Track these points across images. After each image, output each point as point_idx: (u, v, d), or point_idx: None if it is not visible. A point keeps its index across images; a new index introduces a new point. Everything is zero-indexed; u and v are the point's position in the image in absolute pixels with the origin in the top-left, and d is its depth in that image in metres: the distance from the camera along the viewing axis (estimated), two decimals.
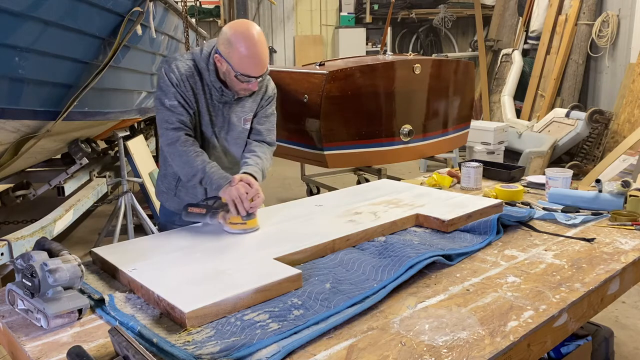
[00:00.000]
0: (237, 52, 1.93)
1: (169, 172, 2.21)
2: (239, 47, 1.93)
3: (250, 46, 1.93)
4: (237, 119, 2.15)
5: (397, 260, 1.66)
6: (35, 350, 1.27)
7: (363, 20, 9.71)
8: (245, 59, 1.93)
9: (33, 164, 4.20)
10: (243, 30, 1.94)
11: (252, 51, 1.93)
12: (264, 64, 1.98)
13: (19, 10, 2.47)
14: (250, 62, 1.94)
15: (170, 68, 2.02)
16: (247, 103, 2.17)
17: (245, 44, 1.93)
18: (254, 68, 1.96)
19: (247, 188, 1.94)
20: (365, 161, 4.41)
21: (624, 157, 5.20)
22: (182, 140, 2.01)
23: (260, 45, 1.95)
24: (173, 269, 1.60)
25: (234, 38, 1.93)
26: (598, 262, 1.75)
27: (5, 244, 2.78)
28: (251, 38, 1.93)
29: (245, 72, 1.95)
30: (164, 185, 2.25)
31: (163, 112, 2.02)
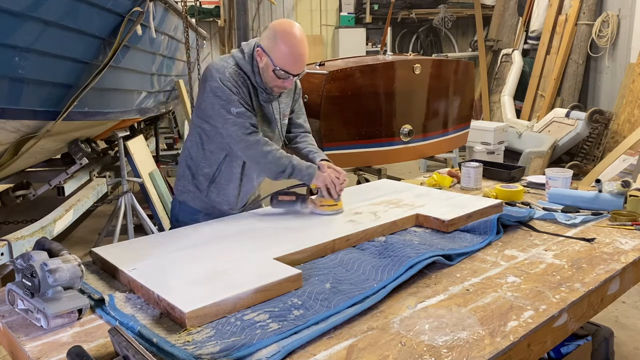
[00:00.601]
0: (280, 48, 1.99)
1: (201, 173, 2.21)
2: (283, 43, 1.99)
3: (294, 44, 2.00)
4: (279, 115, 2.23)
5: (397, 260, 1.66)
6: (35, 350, 1.27)
7: (363, 20, 9.70)
8: (287, 55, 2.00)
9: (33, 164, 4.20)
10: (288, 29, 2.01)
11: (295, 49, 2.00)
12: (304, 62, 2.06)
13: (19, 10, 2.46)
14: (292, 59, 2.01)
15: (224, 76, 2.04)
16: (284, 99, 2.25)
17: (289, 41, 2.00)
18: (294, 65, 2.03)
19: (336, 173, 2.13)
20: (365, 161, 4.41)
21: (624, 157, 5.20)
22: (263, 142, 2.07)
23: (303, 45, 2.03)
24: (173, 269, 1.60)
25: (278, 34, 2.00)
26: (598, 262, 1.75)
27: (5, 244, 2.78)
28: (294, 36, 2.00)
29: (285, 68, 2.01)
30: (191, 185, 2.25)
31: (234, 120, 2.04)
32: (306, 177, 2.10)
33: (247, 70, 2.09)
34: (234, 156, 2.17)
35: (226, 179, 2.21)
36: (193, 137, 2.21)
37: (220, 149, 2.16)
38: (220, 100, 2.04)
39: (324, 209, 2.11)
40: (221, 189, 2.22)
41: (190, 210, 2.28)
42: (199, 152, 2.20)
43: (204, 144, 2.18)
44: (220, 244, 1.82)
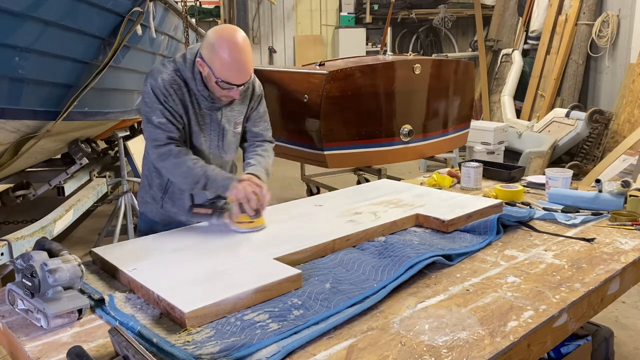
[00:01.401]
0: (219, 58, 1.87)
1: (155, 183, 2.16)
2: (222, 53, 1.87)
3: (234, 52, 1.87)
4: (229, 124, 2.11)
5: (397, 260, 1.66)
6: (35, 350, 1.27)
7: (363, 20, 9.70)
8: (227, 65, 1.88)
9: (33, 164, 4.20)
10: (227, 36, 1.88)
11: (235, 57, 1.88)
12: (247, 71, 1.93)
13: (19, 10, 2.47)
14: (233, 69, 1.89)
15: (156, 82, 1.95)
16: (236, 106, 2.12)
17: (228, 50, 1.87)
18: (236, 75, 1.91)
19: (254, 187, 1.93)
20: (365, 161, 4.41)
21: (624, 157, 5.20)
22: (175, 153, 1.96)
23: (244, 52, 1.89)
24: (173, 269, 1.60)
25: (217, 43, 1.87)
26: (598, 262, 1.75)
27: (5, 244, 2.78)
28: (235, 44, 1.87)
29: (227, 79, 1.90)
30: (148, 195, 2.21)
31: (151, 129, 1.97)
32: (221, 189, 1.96)
33: (187, 77, 1.97)
34: None
35: (179, 188, 2.11)
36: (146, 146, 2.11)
37: None
38: (146, 106, 1.96)
39: (239, 226, 1.94)
40: (175, 199, 2.14)
41: (149, 221, 2.23)
42: (150, 162, 2.11)
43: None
44: (221, 244, 1.82)
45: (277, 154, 4.89)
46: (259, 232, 1.94)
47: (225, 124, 2.10)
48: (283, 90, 4.32)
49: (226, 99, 2.01)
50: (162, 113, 1.96)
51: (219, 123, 2.08)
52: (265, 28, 9.61)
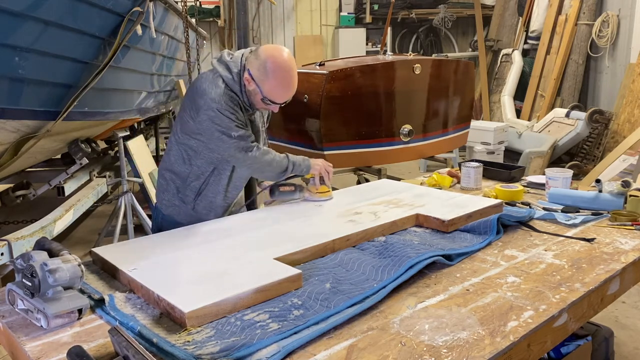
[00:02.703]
0: (270, 81, 2.02)
1: (188, 186, 2.20)
2: (274, 78, 2.02)
3: (286, 78, 2.03)
4: (262, 126, 2.33)
5: (397, 260, 1.66)
6: (35, 350, 1.27)
7: (363, 20, 9.70)
8: (277, 88, 2.04)
9: (33, 164, 4.20)
10: (280, 61, 2.02)
11: (286, 82, 2.04)
12: (293, 91, 2.10)
13: (19, 10, 2.47)
14: (282, 92, 2.06)
15: (222, 106, 2.04)
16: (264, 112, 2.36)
17: (281, 76, 2.02)
18: (283, 97, 2.09)
19: (326, 163, 2.31)
20: (365, 161, 4.40)
21: (624, 157, 5.20)
22: (263, 153, 2.14)
23: (293, 76, 2.05)
24: (173, 269, 1.60)
25: (269, 66, 2.01)
26: (598, 262, 1.75)
27: (5, 244, 2.78)
28: (286, 69, 2.03)
29: (274, 100, 2.07)
30: (176, 199, 2.24)
31: (236, 143, 2.08)
32: (305, 170, 2.25)
33: (236, 90, 2.09)
34: (221, 169, 2.20)
35: (213, 191, 2.22)
36: (177, 152, 2.19)
37: (208, 163, 2.17)
38: (220, 127, 2.05)
39: (319, 196, 2.30)
40: (208, 200, 2.23)
41: (175, 224, 2.24)
42: (185, 167, 2.19)
43: (191, 159, 2.17)
44: (220, 244, 1.82)
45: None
46: (258, 232, 1.94)
47: (260, 126, 2.30)
48: None
49: (265, 110, 2.25)
50: (238, 126, 2.09)
51: (258, 125, 2.28)
52: (265, 28, 9.61)
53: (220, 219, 2.19)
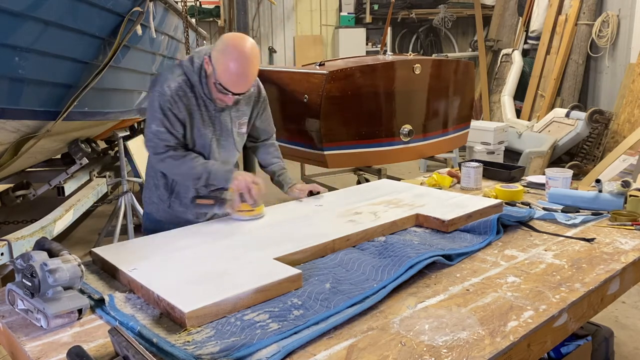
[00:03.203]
0: (225, 63, 1.92)
1: (161, 184, 2.21)
2: (228, 60, 1.92)
3: (240, 64, 1.92)
4: (232, 124, 2.17)
5: (397, 260, 1.66)
6: (35, 350, 1.27)
7: (363, 20, 9.70)
8: (229, 73, 1.93)
9: (33, 164, 4.20)
10: (238, 45, 1.93)
11: (238, 68, 1.93)
12: (247, 84, 1.99)
13: (19, 10, 2.47)
14: (233, 78, 1.94)
15: (162, 91, 2.00)
16: (242, 107, 2.19)
17: (234, 59, 1.92)
18: (235, 85, 1.96)
19: (253, 178, 2.06)
20: (365, 161, 4.41)
21: (624, 157, 5.20)
22: (174, 156, 2.05)
23: (249, 66, 1.94)
24: (173, 269, 1.60)
25: (227, 49, 1.93)
26: (598, 262, 1.75)
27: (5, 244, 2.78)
28: (244, 57, 1.92)
29: (225, 85, 1.96)
30: (154, 196, 2.24)
31: (150, 136, 2.05)
32: (223, 181, 2.07)
33: (194, 80, 2.03)
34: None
35: (184, 188, 2.18)
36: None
37: None
38: (149, 112, 2.04)
39: (240, 214, 2.07)
40: (181, 198, 2.20)
41: (155, 221, 2.26)
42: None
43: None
44: (220, 244, 1.82)
45: None
46: (258, 232, 1.93)
47: (229, 125, 2.16)
48: (283, 90, 4.32)
49: (220, 102, 2.06)
50: (162, 122, 2.02)
51: (226, 124, 2.15)
52: (265, 28, 9.62)
53: (220, 219, 2.19)
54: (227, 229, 1.99)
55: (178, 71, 2.04)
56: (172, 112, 2.02)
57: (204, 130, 2.11)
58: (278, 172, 2.38)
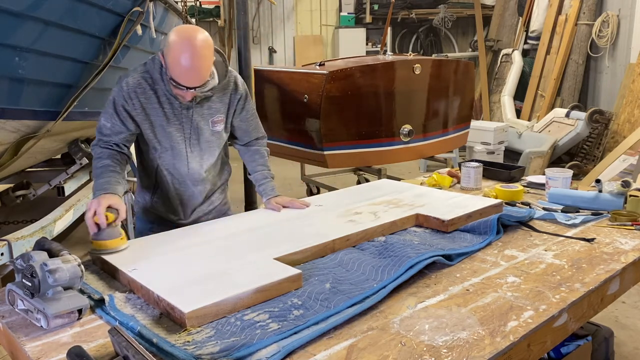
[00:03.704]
0: (173, 57, 1.84)
1: (144, 184, 2.21)
2: (175, 52, 1.84)
3: (189, 56, 1.83)
4: (205, 122, 2.09)
5: (397, 261, 1.66)
6: (35, 350, 1.27)
7: (363, 20, 9.70)
8: (179, 66, 1.85)
9: (33, 164, 4.20)
10: (185, 37, 1.85)
11: (189, 62, 1.84)
12: (196, 77, 1.88)
13: (19, 10, 2.46)
14: (184, 71, 1.86)
15: (120, 87, 1.98)
16: (215, 104, 2.10)
17: (181, 51, 1.83)
18: (185, 78, 1.87)
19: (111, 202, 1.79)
20: (365, 161, 4.41)
21: (624, 157, 5.20)
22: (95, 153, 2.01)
23: (199, 59, 1.85)
24: (173, 269, 1.60)
25: (174, 41, 1.85)
26: (598, 262, 1.75)
27: (5, 244, 2.77)
28: (193, 49, 1.83)
29: (176, 79, 1.87)
30: (140, 196, 2.25)
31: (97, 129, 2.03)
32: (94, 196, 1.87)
33: (155, 77, 1.98)
34: (162, 166, 2.13)
35: (164, 189, 2.17)
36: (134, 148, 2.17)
37: (151, 159, 2.13)
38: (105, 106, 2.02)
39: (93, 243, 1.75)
40: (163, 199, 2.19)
41: (144, 222, 2.26)
42: (139, 164, 2.19)
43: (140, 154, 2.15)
44: (220, 244, 1.82)
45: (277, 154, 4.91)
46: (258, 232, 1.93)
47: (200, 123, 2.08)
48: (283, 90, 4.32)
49: (182, 98, 1.98)
50: (111, 118, 2.01)
51: (195, 122, 2.07)
52: (265, 28, 9.62)
53: (221, 219, 2.19)
54: (227, 229, 1.99)
55: (142, 68, 2.01)
56: (124, 108, 1.99)
57: (169, 128, 2.04)
58: (260, 181, 2.26)
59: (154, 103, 2.01)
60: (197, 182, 2.18)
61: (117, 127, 2.02)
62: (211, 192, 2.27)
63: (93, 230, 1.75)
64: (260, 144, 2.31)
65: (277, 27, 9.71)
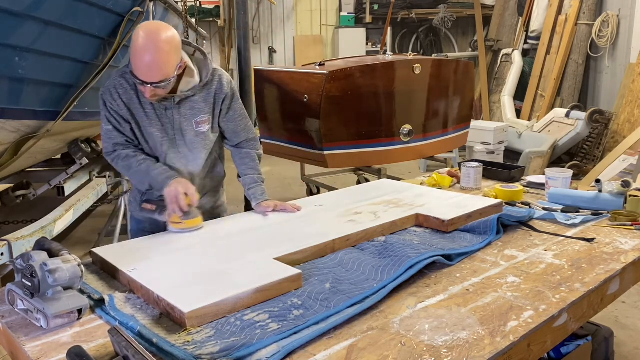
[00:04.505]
0: (133, 51, 1.84)
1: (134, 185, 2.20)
2: (136, 48, 1.84)
3: (147, 51, 1.82)
4: (188, 122, 2.06)
5: (397, 260, 1.66)
6: (35, 350, 1.27)
7: (363, 20, 9.71)
8: (136, 60, 1.84)
9: (33, 164, 4.20)
10: (146, 31, 1.84)
11: (146, 57, 1.82)
12: (157, 73, 1.84)
13: (19, 10, 2.46)
14: (141, 65, 1.84)
15: (105, 89, 1.99)
16: (197, 104, 2.06)
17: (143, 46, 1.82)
18: (143, 73, 1.85)
19: (185, 188, 1.94)
20: (365, 161, 4.41)
21: (624, 157, 5.20)
22: (122, 157, 2.04)
23: (156, 53, 1.82)
24: (173, 269, 1.60)
25: (136, 34, 1.84)
26: (598, 262, 1.75)
27: (5, 244, 2.77)
28: (151, 43, 1.82)
29: (136, 73, 1.86)
30: (132, 196, 2.25)
31: (103, 136, 2.05)
32: (160, 188, 2.00)
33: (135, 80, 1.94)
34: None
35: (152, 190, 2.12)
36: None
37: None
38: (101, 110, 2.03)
39: (173, 225, 1.96)
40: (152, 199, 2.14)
41: (137, 222, 2.24)
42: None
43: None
44: (220, 244, 1.82)
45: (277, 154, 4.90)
46: (258, 232, 1.93)
47: (183, 123, 2.06)
48: (283, 90, 4.32)
49: (151, 98, 1.95)
50: (108, 120, 2.01)
51: (175, 122, 2.05)
52: (265, 28, 9.62)
53: (221, 219, 2.19)
54: (227, 229, 1.99)
55: (123, 69, 2.01)
56: (113, 109, 2.00)
57: (151, 129, 2.03)
58: (249, 185, 2.20)
59: (136, 103, 2.01)
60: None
61: (118, 127, 2.03)
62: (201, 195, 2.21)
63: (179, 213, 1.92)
64: (251, 147, 2.25)
65: (277, 27, 9.71)
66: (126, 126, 2.03)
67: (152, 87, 1.87)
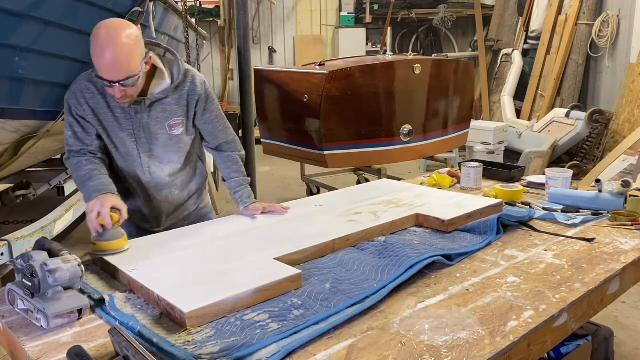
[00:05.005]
0: (93, 48, 1.75)
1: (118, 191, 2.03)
2: (93, 43, 1.75)
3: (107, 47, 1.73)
4: (160, 126, 1.98)
5: (397, 260, 1.66)
6: (35, 350, 1.27)
7: (363, 20, 9.70)
8: (96, 57, 1.75)
9: (33, 164, 4.20)
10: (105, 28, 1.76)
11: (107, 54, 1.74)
12: (119, 70, 1.76)
13: (19, 10, 2.47)
14: (102, 62, 1.75)
15: (71, 93, 1.91)
16: (170, 107, 1.98)
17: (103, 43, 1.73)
18: (104, 70, 1.76)
19: (113, 203, 1.79)
20: (365, 161, 4.41)
21: (624, 157, 5.20)
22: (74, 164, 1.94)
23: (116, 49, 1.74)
24: (173, 269, 1.60)
25: (94, 32, 1.75)
26: (598, 262, 1.75)
27: (5, 244, 2.78)
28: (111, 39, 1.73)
29: (98, 72, 1.78)
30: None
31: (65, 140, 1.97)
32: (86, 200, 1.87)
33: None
34: (125, 173, 2.07)
35: (133, 196, 2.10)
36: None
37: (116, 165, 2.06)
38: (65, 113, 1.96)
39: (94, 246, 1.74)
40: (135, 207, 2.11)
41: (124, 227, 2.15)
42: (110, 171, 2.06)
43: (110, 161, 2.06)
44: (220, 244, 1.82)
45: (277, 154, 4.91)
46: (258, 232, 1.93)
47: (154, 127, 1.98)
48: (283, 90, 4.32)
49: (122, 101, 1.86)
50: (71, 125, 1.95)
51: (149, 126, 1.97)
52: (265, 28, 9.62)
53: (221, 219, 2.19)
54: (227, 229, 1.99)
55: (91, 72, 1.90)
56: (79, 115, 1.92)
57: (122, 134, 1.96)
58: (234, 188, 2.14)
59: (104, 108, 1.93)
60: (162, 187, 2.10)
61: (79, 133, 1.95)
62: (185, 199, 2.20)
63: (96, 231, 1.73)
64: (232, 149, 2.18)
65: (277, 27, 9.71)
66: (91, 131, 1.95)
67: (120, 86, 1.78)
